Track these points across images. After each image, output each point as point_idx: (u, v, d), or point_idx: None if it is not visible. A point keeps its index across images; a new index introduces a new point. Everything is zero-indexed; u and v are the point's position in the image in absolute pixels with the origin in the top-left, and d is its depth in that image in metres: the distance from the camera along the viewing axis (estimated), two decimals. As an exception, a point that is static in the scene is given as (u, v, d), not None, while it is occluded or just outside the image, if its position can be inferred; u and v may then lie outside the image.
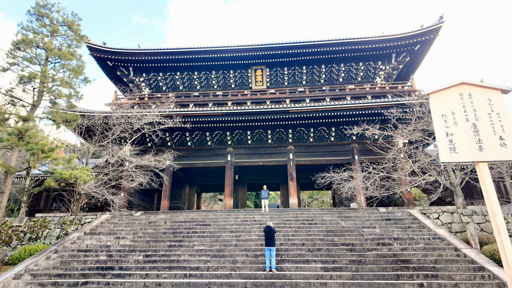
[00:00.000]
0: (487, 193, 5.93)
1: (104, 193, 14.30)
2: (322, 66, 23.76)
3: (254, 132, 21.79)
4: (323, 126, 20.97)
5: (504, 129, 6.18)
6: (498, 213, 5.79)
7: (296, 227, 13.25)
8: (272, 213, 15.73)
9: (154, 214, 16.45)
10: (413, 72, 24.60)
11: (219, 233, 12.80)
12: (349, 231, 12.48)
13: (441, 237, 11.29)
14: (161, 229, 13.61)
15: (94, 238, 12.78)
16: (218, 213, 16.38)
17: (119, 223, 14.61)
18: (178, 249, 11.51)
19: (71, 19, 13.74)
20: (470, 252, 9.93)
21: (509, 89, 6.82)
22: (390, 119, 16.19)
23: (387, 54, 22.70)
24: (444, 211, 13.70)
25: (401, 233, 11.88)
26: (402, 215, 14.04)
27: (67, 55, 12.79)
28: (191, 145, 22.42)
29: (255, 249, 11.15)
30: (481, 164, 6.08)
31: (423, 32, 20.98)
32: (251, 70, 24.54)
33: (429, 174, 13.42)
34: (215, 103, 23.49)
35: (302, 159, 21.50)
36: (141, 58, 23.04)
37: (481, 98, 6.53)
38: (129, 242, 12.35)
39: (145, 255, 11.06)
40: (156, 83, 25.30)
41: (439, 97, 6.68)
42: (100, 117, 16.96)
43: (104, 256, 11.19)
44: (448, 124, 6.41)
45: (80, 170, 11.71)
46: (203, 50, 22.61)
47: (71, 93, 13.02)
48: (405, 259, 9.83)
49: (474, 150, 6.13)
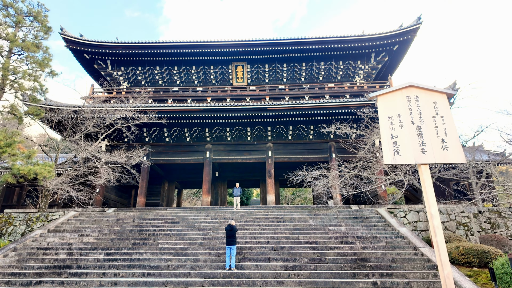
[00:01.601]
0: (427, 195, 5.99)
1: (69, 190, 13.99)
2: (303, 64, 23.74)
3: (233, 129, 21.67)
4: (302, 124, 21.01)
5: (446, 132, 6.24)
6: (435, 214, 5.87)
7: (265, 225, 13.26)
8: (243, 210, 15.71)
9: (124, 211, 16.24)
10: (392, 72, 24.82)
11: (186, 231, 12.71)
12: (315, 229, 12.55)
13: (402, 236, 11.46)
14: (128, 226, 13.43)
15: (57, 236, 12.52)
16: (189, 210, 16.27)
17: (86, 220, 14.36)
18: (142, 248, 11.37)
19: (36, 10, 13.29)
20: (428, 251, 10.10)
21: (454, 92, 6.90)
22: (363, 118, 16.32)
23: (366, 53, 22.81)
24: (411, 210, 13.93)
25: (365, 232, 12.01)
26: (369, 213, 14.21)
27: (31, 46, 12.37)
28: (169, 141, 22.18)
29: (219, 248, 11.11)
30: (423, 166, 6.13)
31: (401, 33, 21.13)
32: (232, 66, 24.35)
33: (396, 174, 13.59)
34: (194, 99, 23.26)
35: (281, 157, 21.52)
36: (120, 51, 22.56)
37: (427, 101, 6.57)
38: (92, 240, 12.15)
39: (106, 253, 10.89)
40: (135, 77, 24.87)
41: (387, 100, 6.69)
42: (70, 111, 16.55)
43: (64, 254, 10.97)
44: (393, 126, 6.43)
45: (41, 166, 11.41)
46: (183, 44, 22.28)
47: (35, 87, 12.64)
48: (364, 258, 9.94)
49: (417, 153, 6.18)
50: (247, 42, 22.06)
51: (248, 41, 22.05)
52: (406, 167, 13.60)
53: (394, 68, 24.40)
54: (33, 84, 12.68)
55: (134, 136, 20.29)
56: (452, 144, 6.13)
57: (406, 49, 22.47)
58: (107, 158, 15.79)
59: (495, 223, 13.44)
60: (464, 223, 13.26)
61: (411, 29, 20.99)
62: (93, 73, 25.17)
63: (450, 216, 13.39)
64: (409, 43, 21.90)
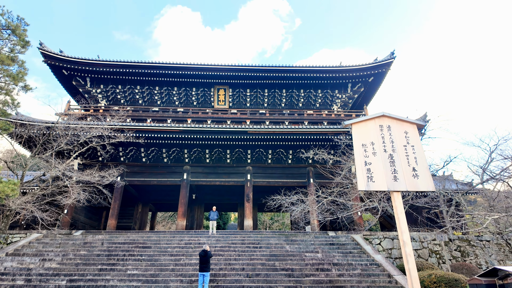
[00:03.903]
0: (399, 222, 6.12)
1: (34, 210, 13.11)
2: (283, 90, 24.42)
3: (213, 151, 21.52)
4: (281, 148, 21.23)
5: (417, 161, 6.51)
6: (407, 242, 5.97)
7: (241, 251, 12.92)
8: (219, 235, 15.29)
9: (93, 234, 15.34)
10: (368, 102, 26.00)
11: (158, 257, 12.13)
12: (292, 255, 12.37)
13: (377, 263, 11.51)
14: (96, 250, 12.65)
15: (16, 260, 11.54)
16: (162, 234, 15.62)
17: (50, 243, 13.41)
18: (109, 273, 10.68)
19: (15, 24, 13.02)
20: (401, 279, 10.16)
21: (424, 123, 7.31)
22: (340, 145, 16.78)
23: (343, 83, 23.87)
24: (385, 237, 14.10)
25: (341, 259, 11.97)
26: (346, 240, 14.24)
27: (6, 60, 12.00)
28: (146, 161, 21.62)
29: (192, 274, 10.64)
30: (395, 193, 6.30)
31: (376, 66, 22.41)
32: (214, 89, 24.62)
33: (371, 200, 13.86)
34: (174, 120, 23.08)
35: (260, 180, 21.46)
36: (100, 69, 22.31)
37: (399, 131, 6.88)
38: (55, 265, 11.29)
39: (69, 280, 10.12)
40: (114, 96, 24.50)
41: (361, 128, 6.95)
42: (42, 127, 15.89)
43: (22, 281, 10.09)
44: (367, 153, 6.64)
45: (4, 184, 10.70)
46: (166, 66, 22.44)
47: (6, 100, 12.13)
48: (340, 286, 9.84)
49: (390, 180, 6.36)
50: (229, 66, 22.55)
51: (230, 65, 22.56)
52: (381, 194, 13.93)
53: (369, 98, 25.59)
54: (4, 97, 12.17)
55: (109, 155, 19.66)
56: (422, 172, 6.38)
57: (380, 81, 23.75)
58: (78, 177, 15.08)
59: (465, 251, 13.82)
60: (436, 250, 13.55)
61: (385, 62, 22.34)
62: (70, 89, 24.60)
63: (423, 244, 13.66)
64: (384, 76, 23.21)
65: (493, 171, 14.49)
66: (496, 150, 14.51)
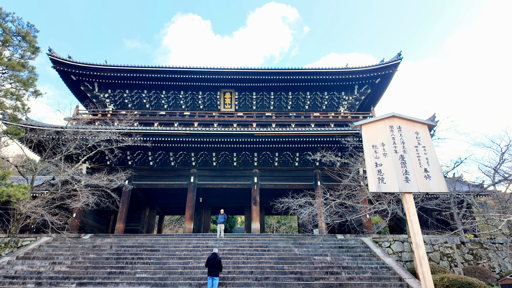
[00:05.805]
0: (411, 224, 6.01)
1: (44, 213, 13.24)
2: (289, 93, 24.39)
3: (219, 154, 21.54)
4: (288, 151, 21.15)
5: (429, 162, 6.39)
6: (421, 244, 5.85)
7: (249, 254, 12.84)
8: (227, 238, 15.24)
9: (101, 238, 15.42)
10: (375, 103, 25.80)
11: (166, 260, 12.12)
12: (300, 258, 12.25)
13: (388, 267, 11.33)
14: (105, 254, 12.70)
15: (26, 263, 11.65)
16: (170, 238, 15.63)
17: (59, 246, 13.51)
18: (118, 277, 10.70)
19: (25, 30, 13.28)
20: (413, 282, 9.97)
21: (434, 124, 7.19)
22: (347, 147, 16.65)
23: (350, 85, 23.74)
24: (395, 240, 13.87)
25: (351, 262, 11.81)
26: (355, 243, 14.06)
27: (16, 65, 12.22)
28: (153, 165, 21.74)
29: (201, 278, 10.59)
30: (407, 195, 6.20)
31: (382, 67, 22.25)
32: (220, 93, 24.70)
33: (380, 203, 13.69)
34: (181, 123, 23.19)
35: (267, 183, 21.39)
36: (108, 74, 22.57)
37: (409, 131, 6.78)
38: (65, 268, 11.36)
39: (78, 283, 10.16)
40: (122, 100, 24.74)
41: (371, 129, 6.87)
42: (51, 132, 16.09)
43: (32, 284, 10.17)
44: (378, 154, 6.56)
45: (16, 188, 10.85)
46: (172, 70, 22.58)
47: (17, 105, 12.33)
48: (350, 290, 9.70)
49: (401, 181, 6.26)
50: (235, 70, 22.61)
51: (236, 69, 22.61)
52: (390, 196, 13.75)
53: (376, 100, 25.39)
54: (15, 103, 12.38)
55: (117, 159, 19.81)
56: (435, 173, 6.26)
57: (387, 83, 23.56)
58: (87, 181, 15.22)
59: (478, 254, 13.53)
60: (447, 254, 13.29)
61: (391, 64, 22.17)
62: (78, 94, 24.92)
63: (434, 247, 13.42)
64: (390, 77, 23.01)
65: (505, 172, 14.21)
66: (508, 151, 14.26)
